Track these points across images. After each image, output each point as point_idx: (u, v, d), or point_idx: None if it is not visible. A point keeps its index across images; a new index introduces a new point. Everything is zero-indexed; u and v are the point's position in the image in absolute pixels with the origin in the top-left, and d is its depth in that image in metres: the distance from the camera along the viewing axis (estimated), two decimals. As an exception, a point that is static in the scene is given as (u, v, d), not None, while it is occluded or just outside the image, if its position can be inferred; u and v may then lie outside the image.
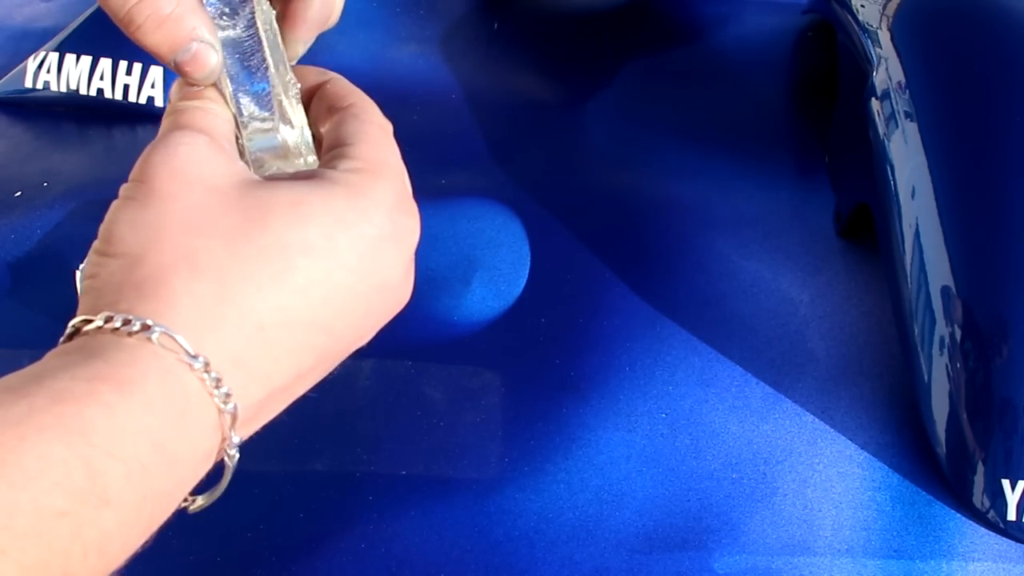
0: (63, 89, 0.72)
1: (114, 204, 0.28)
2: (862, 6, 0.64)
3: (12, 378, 0.25)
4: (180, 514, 0.47)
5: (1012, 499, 0.44)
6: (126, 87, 0.72)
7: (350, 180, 0.31)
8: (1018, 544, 0.45)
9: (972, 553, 0.45)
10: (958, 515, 0.46)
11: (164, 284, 0.27)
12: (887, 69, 0.57)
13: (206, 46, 0.32)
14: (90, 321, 0.26)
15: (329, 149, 0.32)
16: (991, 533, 0.45)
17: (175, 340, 0.25)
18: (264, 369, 0.27)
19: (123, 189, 0.28)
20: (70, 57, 0.73)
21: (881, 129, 0.55)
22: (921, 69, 0.56)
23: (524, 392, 0.52)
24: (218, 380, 0.26)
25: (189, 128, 0.30)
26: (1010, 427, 0.44)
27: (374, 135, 0.33)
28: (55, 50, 0.73)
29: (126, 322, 0.25)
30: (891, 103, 0.55)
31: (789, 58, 0.81)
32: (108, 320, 0.26)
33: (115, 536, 0.24)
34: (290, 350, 0.28)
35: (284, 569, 0.43)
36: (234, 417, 0.26)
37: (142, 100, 0.72)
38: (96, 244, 0.28)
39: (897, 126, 0.54)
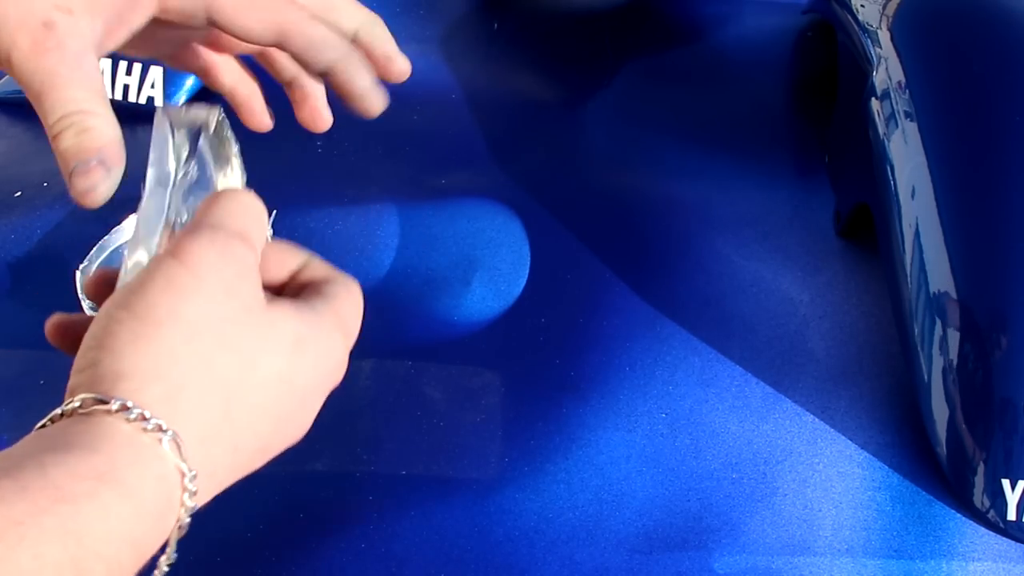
0: (63, 89, 0.72)
1: (157, 267, 0.31)
2: (862, 6, 0.64)
3: (10, 459, 0.26)
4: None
5: (1012, 499, 0.44)
6: (126, 87, 0.72)
7: (333, 318, 0.35)
8: (1018, 544, 0.45)
9: (972, 553, 0.45)
10: (958, 515, 0.46)
11: (186, 391, 0.29)
12: (887, 69, 0.57)
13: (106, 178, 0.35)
14: (106, 404, 0.27)
15: (309, 288, 0.36)
16: (991, 533, 0.45)
17: (179, 448, 0.27)
18: (219, 481, 0.30)
19: (168, 262, 0.31)
20: (70, 57, 0.73)
21: (881, 129, 0.55)
22: (921, 69, 0.56)
23: (524, 392, 0.52)
24: (195, 491, 0.28)
25: (244, 240, 0.33)
26: (1010, 427, 0.44)
27: (351, 295, 0.37)
28: (55, 50, 0.73)
29: (143, 418, 0.27)
30: (891, 103, 0.55)
31: (789, 58, 0.81)
32: (124, 409, 0.27)
33: None
34: (240, 465, 0.31)
35: (284, 569, 0.43)
36: (188, 511, 0.29)
37: (142, 100, 0.72)
38: (125, 297, 0.30)
39: (897, 126, 0.54)
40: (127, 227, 0.52)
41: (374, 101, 0.40)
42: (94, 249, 0.57)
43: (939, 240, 0.48)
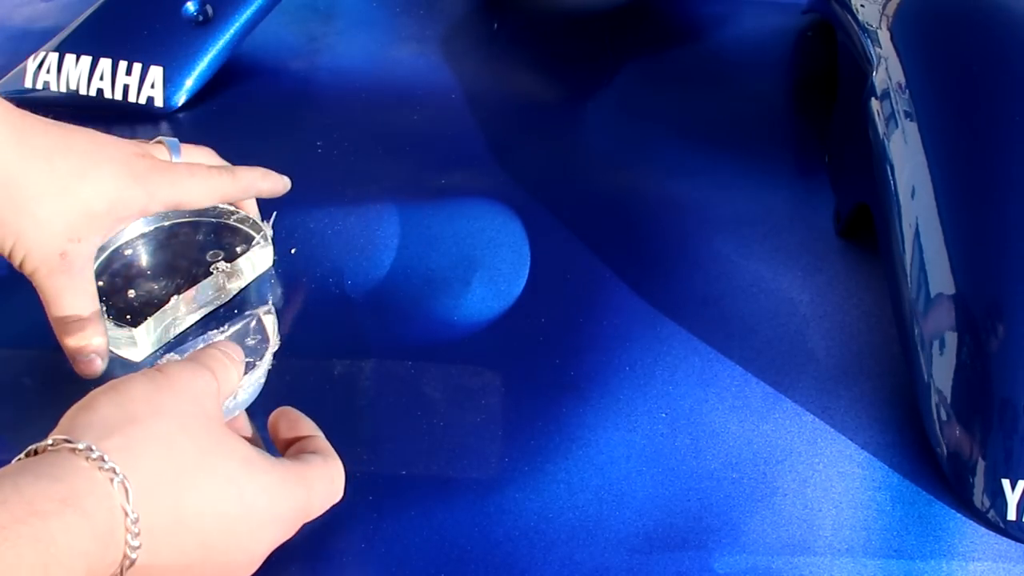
0: (63, 89, 0.72)
1: (138, 377, 0.39)
2: (862, 6, 0.64)
3: None
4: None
5: (1012, 499, 0.44)
6: (126, 87, 0.72)
7: (295, 472, 0.41)
8: (1018, 544, 0.45)
9: (972, 553, 0.45)
10: (958, 515, 0.46)
11: (142, 448, 0.35)
12: (887, 69, 0.57)
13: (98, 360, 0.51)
14: (72, 444, 0.34)
15: (291, 450, 0.44)
16: (991, 533, 0.45)
17: (126, 492, 0.34)
18: (160, 546, 0.35)
19: (145, 374, 0.39)
20: (70, 57, 0.73)
21: (881, 129, 0.55)
22: (921, 69, 0.56)
23: (524, 392, 0.52)
24: (137, 533, 0.34)
25: (211, 373, 0.41)
26: (1010, 427, 0.44)
27: (328, 467, 0.43)
28: (55, 50, 0.74)
29: (101, 460, 0.34)
30: (891, 103, 0.55)
31: (789, 58, 0.81)
32: (88, 451, 0.34)
33: None
34: (180, 546, 0.36)
35: (284, 569, 0.43)
36: (131, 563, 0.34)
37: (142, 100, 0.72)
38: (107, 390, 0.38)
39: (897, 126, 0.54)
40: (127, 230, 0.58)
41: (287, 185, 0.59)
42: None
43: (939, 240, 0.48)
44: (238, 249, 0.58)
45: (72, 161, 0.48)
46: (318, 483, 0.42)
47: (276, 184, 0.58)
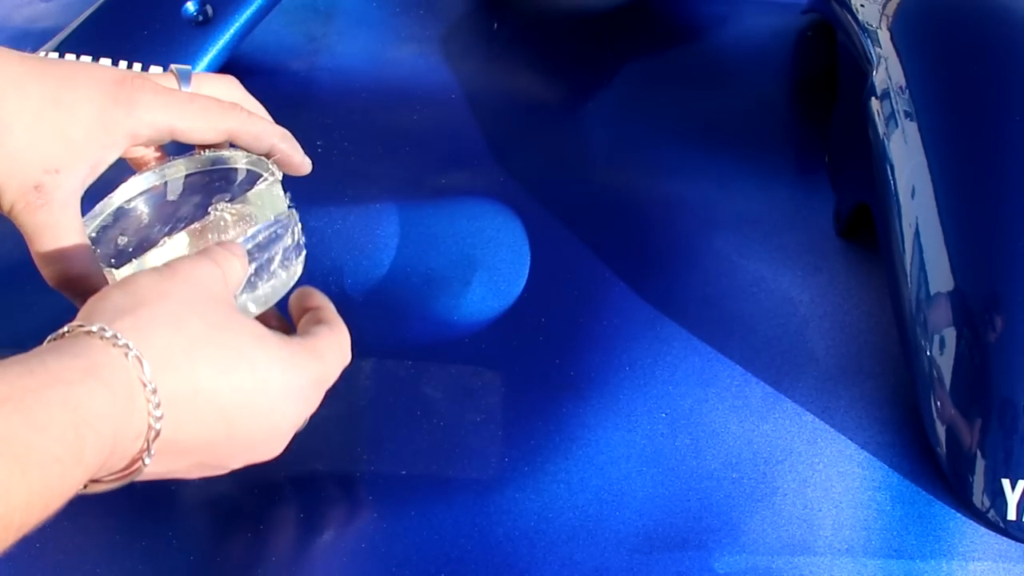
0: (63, 89, 0.72)
1: (144, 271, 0.39)
2: (862, 6, 0.64)
3: (20, 358, 0.33)
4: (181, 515, 0.48)
5: (1012, 498, 0.44)
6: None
7: (305, 346, 0.42)
8: (1018, 544, 0.45)
9: (972, 553, 0.45)
10: (958, 515, 0.46)
11: (151, 326, 0.36)
12: (887, 69, 0.57)
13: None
14: (86, 327, 0.35)
15: (301, 323, 0.45)
16: (991, 532, 0.45)
17: (141, 364, 0.35)
18: (182, 418, 0.36)
19: (153, 268, 0.40)
20: (70, 57, 0.73)
21: (881, 129, 0.55)
22: (921, 69, 0.56)
23: (524, 392, 0.52)
24: (157, 404, 0.35)
25: (215, 263, 0.41)
26: (1010, 427, 0.44)
27: (334, 335, 0.44)
28: (55, 50, 0.73)
29: (115, 337, 0.35)
30: (891, 103, 0.55)
31: (789, 58, 0.81)
32: (102, 330, 0.35)
33: (74, 488, 0.33)
34: (202, 419, 0.37)
35: (284, 569, 0.43)
36: (157, 434, 0.35)
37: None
38: (117, 284, 0.38)
39: (897, 126, 0.54)
40: (119, 192, 0.52)
41: (307, 167, 0.51)
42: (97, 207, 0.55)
43: (939, 240, 0.48)
44: (248, 193, 0.51)
45: (46, 86, 0.43)
46: (328, 352, 0.43)
47: (295, 155, 0.51)
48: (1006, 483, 0.44)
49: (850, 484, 0.47)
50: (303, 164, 0.52)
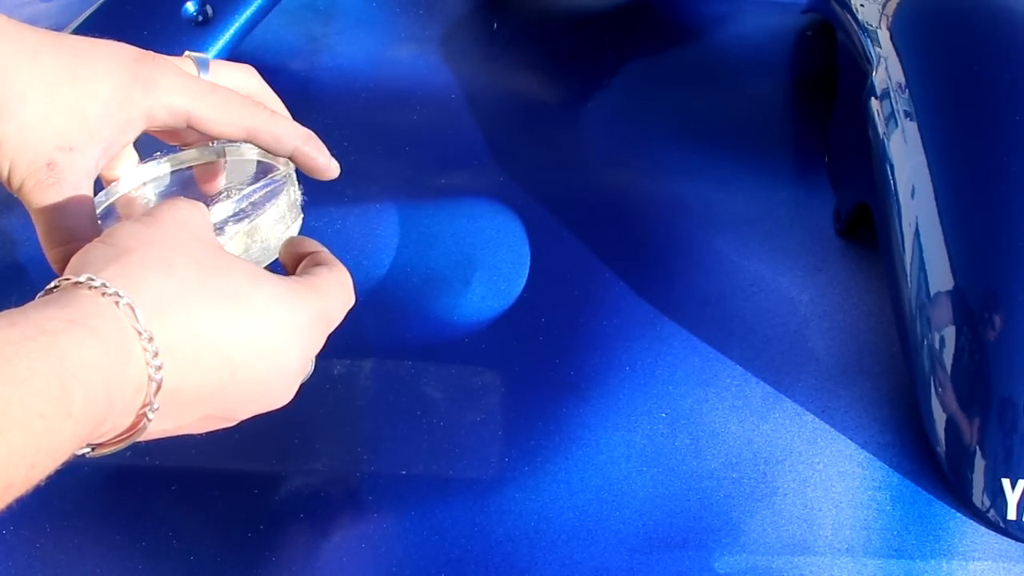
0: (63, 89, 0.72)
1: (124, 222, 0.37)
2: (861, 5, 0.64)
3: (2, 312, 0.31)
4: (180, 515, 0.48)
5: (1012, 498, 0.44)
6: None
7: (304, 283, 0.40)
8: (1018, 543, 0.45)
9: (972, 552, 0.45)
10: (958, 514, 0.46)
11: (141, 272, 0.34)
12: (887, 69, 0.57)
13: None
14: (73, 279, 0.33)
15: (299, 268, 0.43)
16: (991, 532, 0.45)
17: (133, 312, 0.33)
18: (184, 366, 0.34)
19: (133, 218, 0.37)
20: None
21: (881, 129, 0.55)
22: (921, 69, 0.56)
23: (524, 392, 0.52)
24: (155, 352, 0.33)
25: (194, 204, 0.39)
26: (1010, 426, 0.44)
27: (334, 274, 0.42)
28: (55, 50, 0.73)
29: (104, 286, 0.33)
30: (891, 103, 0.55)
31: (789, 58, 0.81)
32: (89, 280, 0.33)
33: (66, 446, 0.30)
34: (205, 366, 0.35)
35: (284, 569, 0.43)
36: (159, 386, 0.33)
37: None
38: (99, 238, 0.36)
39: (897, 125, 0.54)
40: (124, 180, 0.49)
41: (333, 171, 0.47)
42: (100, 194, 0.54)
43: (939, 240, 0.48)
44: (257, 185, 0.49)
45: (62, 57, 0.41)
46: (330, 289, 0.41)
47: (320, 157, 0.47)
48: (1006, 483, 0.44)
49: (850, 484, 0.47)
50: (328, 168, 0.48)
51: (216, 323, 0.35)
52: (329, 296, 0.40)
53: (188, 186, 0.51)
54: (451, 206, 0.64)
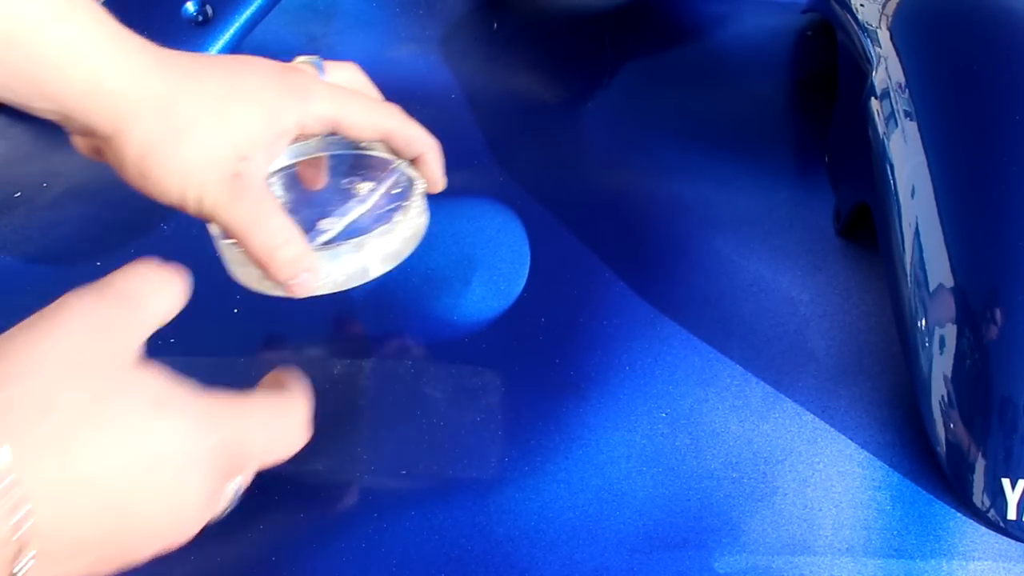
0: (63, 89, 0.72)
1: (34, 317, 0.34)
2: (861, 5, 0.64)
3: None
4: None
5: (1012, 498, 0.44)
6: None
7: (229, 403, 0.36)
8: (1018, 543, 0.45)
9: (972, 552, 0.45)
10: (958, 514, 0.46)
11: (13, 411, 0.30)
12: (887, 69, 0.57)
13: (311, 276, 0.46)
14: None
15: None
16: (991, 532, 0.45)
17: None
18: (61, 513, 0.30)
19: (32, 322, 0.34)
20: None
21: (881, 128, 0.55)
22: (921, 69, 0.56)
23: (524, 392, 0.52)
24: (16, 502, 0.29)
25: (124, 302, 0.36)
26: (1010, 426, 0.44)
27: (273, 401, 0.39)
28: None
29: None
30: (891, 102, 0.55)
31: (789, 58, 0.81)
32: None
33: None
34: (84, 512, 0.31)
35: (284, 569, 0.43)
36: (23, 536, 0.29)
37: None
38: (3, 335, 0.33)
39: (897, 125, 0.54)
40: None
41: (443, 185, 0.52)
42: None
43: (939, 239, 0.48)
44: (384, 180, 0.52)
45: (220, 77, 0.43)
46: (257, 414, 0.37)
47: (438, 169, 0.51)
48: (1006, 482, 0.44)
49: (850, 484, 0.47)
50: (441, 181, 0.52)
51: (95, 463, 0.31)
52: (252, 421, 0.37)
53: (303, 172, 0.53)
54: (451, 206, 0.64)
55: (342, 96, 0.47)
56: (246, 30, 0.75)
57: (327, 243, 0.48)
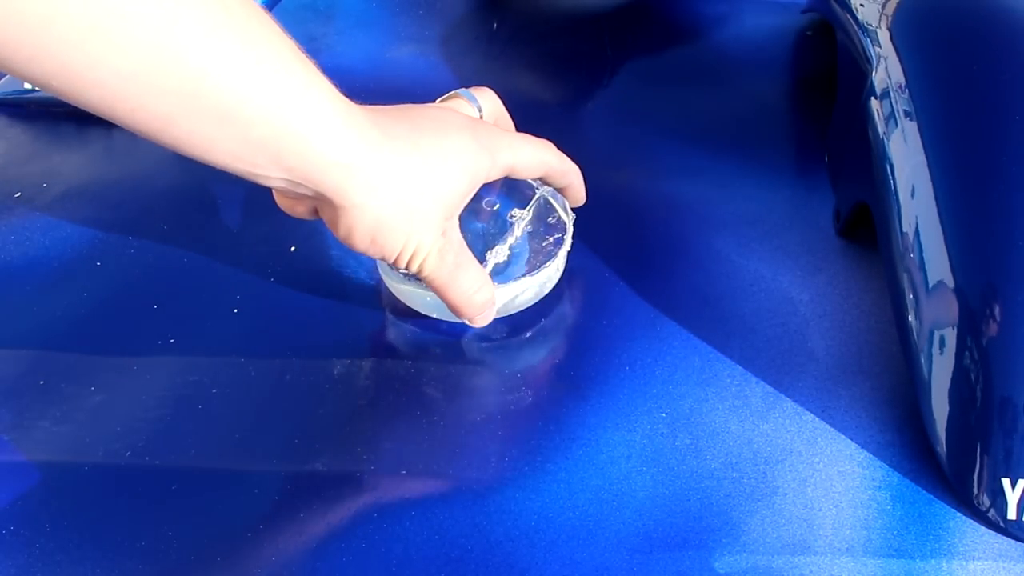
0: (63, 89, 0.72)
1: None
2: (861, 5, 0.64)
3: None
4: (181, 515, 0.48)
5: (1012, 498, 0.44)
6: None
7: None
8: (1018, 543, 0.45)
9: (972, 552, 0.45)
10: (958, 514, 0.46)
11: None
12: (887, 68, 0.57)
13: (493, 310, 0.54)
14: None
15: None
16: (991, 532, 0.45)
17: None
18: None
19: None
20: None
21: (881, 128, 0.55)
22: (921, 69, 0.56)
23: (524, 392, 0.52)
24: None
25: None
26: (1010, 426, 0.44)
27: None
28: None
29: None
30: (891, 102, 0.55)
31: (789, 58, 0.81)
32: None
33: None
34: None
35: (284, 569, 0.43)
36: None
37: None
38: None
39: (897, 125, 0.54)
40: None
41: (583, 201, 0.58)
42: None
43: (939, 239, 0.48)
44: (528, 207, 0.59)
45: (431, 139, 0.47)
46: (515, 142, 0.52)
47: (582, 191, 0.57)
48: (1006, 482, 0.44)
49: (850, 484, 0.47)
50: (583, 200, 0.58)
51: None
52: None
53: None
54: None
55: (516, 143, 0.52)
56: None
57: (497, 275, 0.55)
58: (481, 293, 0.51)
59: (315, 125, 0.42)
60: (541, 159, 0.53)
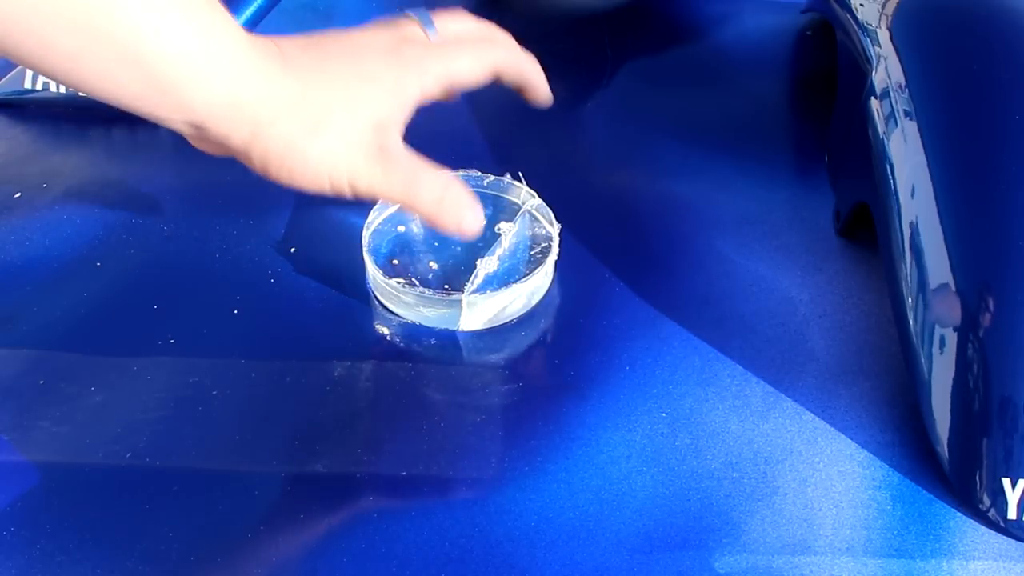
0: (63, 90, 0.72)
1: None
2: (861, 5, 0.64)
3: None
4: (180, 514, 0.48)
5: (1012, 498, 0.44)
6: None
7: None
8: (1018, 543, 0.45)
9: (972, 552, 0.45)
10: (958, 514, 0.46)
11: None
12: (887, 68, 0.57)
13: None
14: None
15: None
16: (992, 532, 0.45)
17: None
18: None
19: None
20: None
21: (880, 128, 0.55)
22: (921, 69, 0.56)
23: (524, 392, 0.52)
24: None
25: None
26: (1010, 426, 0.44)
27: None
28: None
29: None
30: (891, 102, 0.55)
31: (789, 58, 0.81)
32: None
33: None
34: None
35: (284, 569, 0.43)
36: None
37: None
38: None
39: (897, 125, 0.54)
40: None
41: (550, 100, 0.56)
42: (376, 207, 0.61)
43: (939, 239, 0.48)
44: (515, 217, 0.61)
45: (343, 63, 0.46)
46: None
47: (543, 85, 0.55)
48: (1006, 482, 0.44)
49: (850, 484, 0.47)
50: (548, 97, 0.56)
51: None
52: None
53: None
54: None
55: (449, 53, 0.49)
56: (246, 30, 0.75)
57: (484, 282, 0.56)
58: (448, 195, 0.47)
59: (211, 62, 0.41)
60: (485, 59, 0.51)
